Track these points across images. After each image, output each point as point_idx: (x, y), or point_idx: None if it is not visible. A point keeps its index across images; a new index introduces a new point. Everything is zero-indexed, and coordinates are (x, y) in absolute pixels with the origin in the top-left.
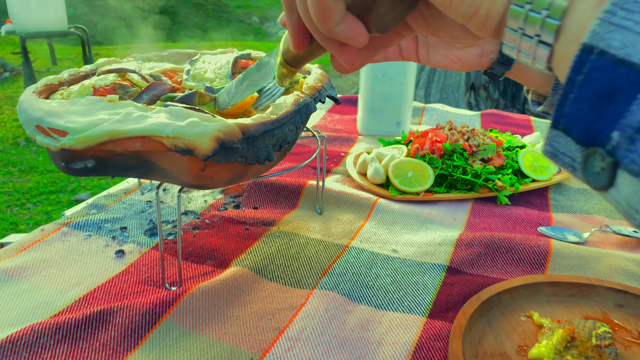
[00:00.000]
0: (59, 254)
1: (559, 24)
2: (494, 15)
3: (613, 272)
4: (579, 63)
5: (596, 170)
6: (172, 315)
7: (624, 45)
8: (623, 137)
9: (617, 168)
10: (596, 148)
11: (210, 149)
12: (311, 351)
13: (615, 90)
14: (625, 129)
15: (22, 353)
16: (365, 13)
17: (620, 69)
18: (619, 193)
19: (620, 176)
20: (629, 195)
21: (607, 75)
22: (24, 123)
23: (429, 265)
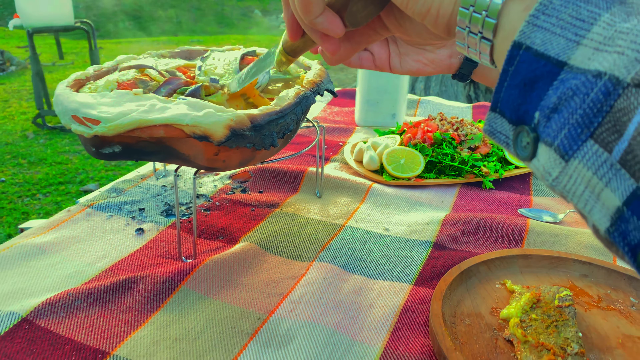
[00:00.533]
0: (84, 231)
1: (496, 22)
2: (443, 14)
3: (582, 247)
4: (511, 57)
5: (523, 145)
6: (189, 283)
7: (544, 42)
8: (542, 116)
9: (538, 141)
10: (523, 126)
11: (224, 136)
12: (310, 312)
13: (537, 78)
14: (543, 109)
15: (60, 313)
16: (341, 9)
17: (540, 61)
18: (539, 161)
19: (540, 148)
20: (545, 162)
21: (531, 66)
22: (60, 113)
23: (417, 241)
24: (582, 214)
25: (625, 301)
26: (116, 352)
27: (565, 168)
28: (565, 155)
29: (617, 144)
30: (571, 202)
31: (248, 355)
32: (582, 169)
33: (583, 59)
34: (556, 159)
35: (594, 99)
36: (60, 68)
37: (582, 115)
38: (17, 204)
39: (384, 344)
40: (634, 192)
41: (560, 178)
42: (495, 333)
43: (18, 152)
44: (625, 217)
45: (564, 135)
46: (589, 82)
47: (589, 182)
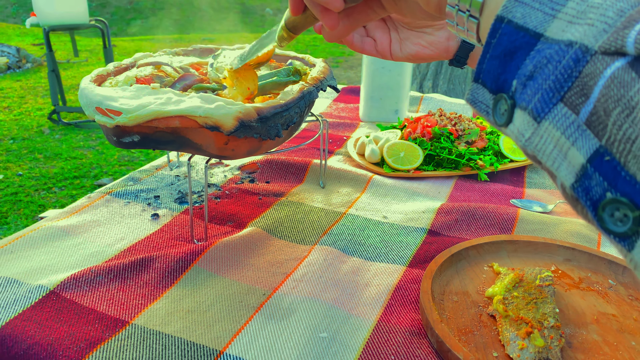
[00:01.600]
0: (104, 216)
1: (482, 1)
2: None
3: (568, 235)
4: (494, 29)
5: (501, 112)
6: (201, 262)
7: (523, 15)
8: (519, 84)
9: (514, 108)
10: (502, 94)
11: (233, 127)
12: (311, 289)
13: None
14: (520, 77)
15: (84, 287)
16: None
17: (519, 32)
18: (514, 125)
19: (515, 113)
20: (519, 125)
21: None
22: (84, 105)
23: (412, 228)
24: (551, 172)
25: (604, 283)
26: (134, 321)
27: (537, 129)
28: (538, 117)
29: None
30: (541, 160)
31: (253, 325)
32: (552, 129)
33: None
34: (529, 121)
35: (565, 65)
36: (74, 65)
37: (554, 81)
38: (34, 197)
39: (378, 317)
40: (597, 150)
41: (532, 138)
42: (480, 309)
43: (34, 147)
44: (588, 173)
45: (537, 99)
46: (561, 50)
47: (557, 141)
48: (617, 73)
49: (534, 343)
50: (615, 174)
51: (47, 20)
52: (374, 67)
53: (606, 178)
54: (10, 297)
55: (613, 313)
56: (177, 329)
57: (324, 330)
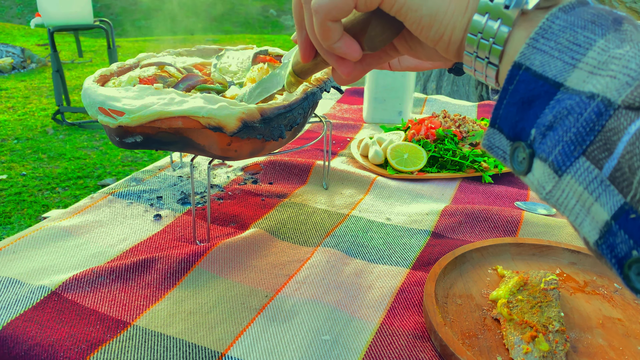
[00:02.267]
0: (107, 216)
1: (502, 49)
2: (454, 41)
3: (573, 238)
4: (511, 76)
5: (519, 160)
6: (203, 263)
7: (542, 64)
8: (538, 133)
9: (533, 157)
10: (520, 142)
11: (236, 127)
12: (313, 291)
13: (534, 97)
14: (539, 126)
15: (86, 288)
16: (359, 34)
17: (538, 81)
18: (533, 176)
19: (535, 163)
20: (539, 176)
21: (529, 86)
22: (87, 105)
23: (416, 230)
24: (574, 226)
25: (609, 287)
26: (136, 323)
27: (558, 182)
28: (559, 170)
29: (607, 162)
30: (563, 214)
31: (255, 328)
32: (574, 184)
33: (578, 81)
34: (550, 174)
35: (587, 118)
36: (79, 66)
37: (576, 134)
38: (38, 197)
39: (381, 320)
40: (622, 207)
41: (554, 192)
42: (484, 312)
43: (38, 147)
44: (613, 230)
45: (558, 152)
46: (583, 102)
47: (580, 196)
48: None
49: (538, 347)
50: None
51: (52, 21)
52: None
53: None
54: (12, 298)
55: (619, 317)
56: (179, 331)
57: (327, 332)
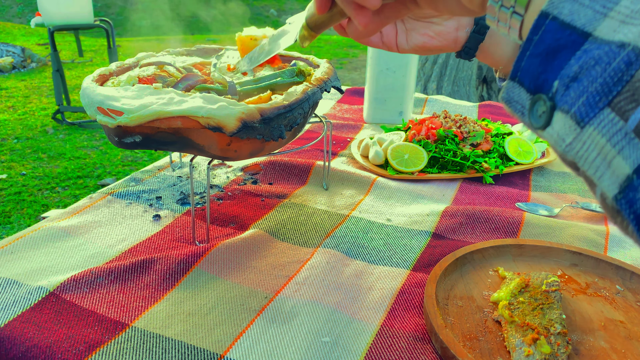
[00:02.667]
0: (105, 217)
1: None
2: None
3: (574, 239)
4: (537, 26)
5: (539, 114)
6: (202, 264)
7: (571, 12)
8: (561, 85)
9: (554, 110)
10: (541, 95)
11: (235, 127)
12: (313, 292)
13: (560, 47)
14: (563, 78)
15: (84, 289)
16: None
17: (566, 30)
18: (553, 129)
19: (555, 116)
20: (559, 129)
21: (555, 35)
22: (86, 105)
23: (417, 231)
24: (592, 180)
25: (611, 289)
26: (134, 324)
27: (579, 134)
28: (581, 121)
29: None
30: (582, 168)
31: (255, 329)
32: (596, 135)
33: (609, 30)
34: (571, 126)
35: (616, 68)
36: (79, 65)
37: (602, 84)
38: (37, 197)
39: (381, 322)
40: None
41: (574, 144)
42: (485, 314)
43: (38, 147)
44: (634, 185)
45: (582, 103)
46: (612, 52)
47: (602, 148)
48: None
49: (540, 350)
50: None
51: (52, 20)
52: (379, 68)
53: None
54: (10, 299)
55: (621, 319)
56: (177, 332)
57: (327, 334)
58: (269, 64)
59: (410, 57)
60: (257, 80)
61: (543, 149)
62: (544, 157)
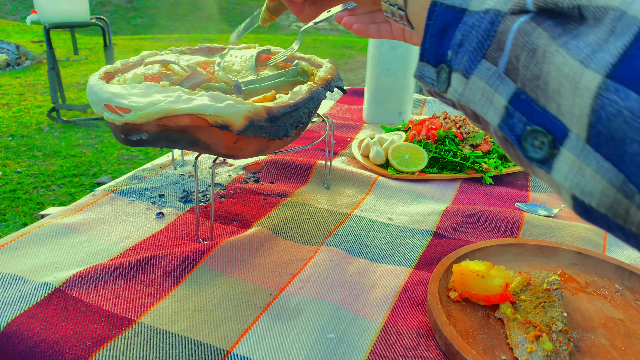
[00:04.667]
0: (109, 214)
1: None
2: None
3: (573, 239)
4: (430, 13)
5: (442, 80)
6: (207, 261)
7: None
8: (452, 52)
9: (451, 73)
10: (442, 65)
11: (242, 126)
12: (317, 289)
13: (447, 24)
14: (453, 47)
15: (89, 285)
16: None
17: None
18: (451, 87)
19: (452, 77)
20: (455, 85)
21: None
22: (92, 102)
23: (418, 230)
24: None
25: (610, 287)
26: (141, 320)
27: (467, 84)
28: (467, 74)
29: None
30: (474, 109)
31: (260, 325)
32: (478, 81)
33: (477, 3)
34: (461, 80)
35: (484, 28)
36: (74, 63)
37: (477, 42)
38: (33, 195)
39: (385, 319)
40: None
41: (464, 92)
42: (487, 312)
43: (33, 145)
44: (510, 112)
45: (466, 60)
46: (480, 18)
47: (483, 90)
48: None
49: (542, 347)
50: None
51: (48, 18)
52: (379, 69)
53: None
54: (16, 294)
55: (620, 318)
56: (183, 328)
57: (332, 331)
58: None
59: (410, 59)
60: (261, 80)
61: None
62: None
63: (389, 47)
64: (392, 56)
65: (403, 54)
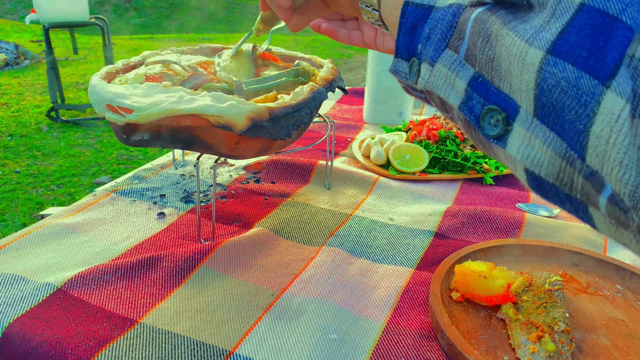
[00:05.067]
0: (110, 214)
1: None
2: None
3: (574, 239)
4: (403, 12)
5: (414, 72)
6: (208, 262)
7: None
8: (422, 45)
9: (420, 64)
10: (413, 58)
11: (245, 126)
12: (319, 290)
13: (417, 21)
14: (422, 40)
15: (91, 285)
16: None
17: (419, 9)
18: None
19: (422, 67)
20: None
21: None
22: (94, 102)
23: (419, 230)
24: (445, 101)
25: (611, 288)
26: (143, 320)
27: (432, 71)
28: (432, 62)
29: (462, 46)
30: (438, 93)
31: (263, 326)
32: (442, 68)
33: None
34: (428, 68)
35: (447, 20)
36: (73, 63)
37: (441, 34)
38: (32, 195)
39: (387, 319)
40: (473, 75)
41: (430, 79)
42: (489, 312)
43: (32, 144)
44: (469, 94)
45: (432, 50)
46: (444, 12)
47: (446, 75)
48: (478, 15)
49: (545, 347)
50: (487, 90)
51: (47, 17)
52: (379, 69)
53: (481, 95)
54: (18, 295)
55: (622, 318)
56: (186, 329)
57: (334, 331)
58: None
59: None
60: (262, 80)
61: None
62: None
63: None
64: (392, 56)
65: None
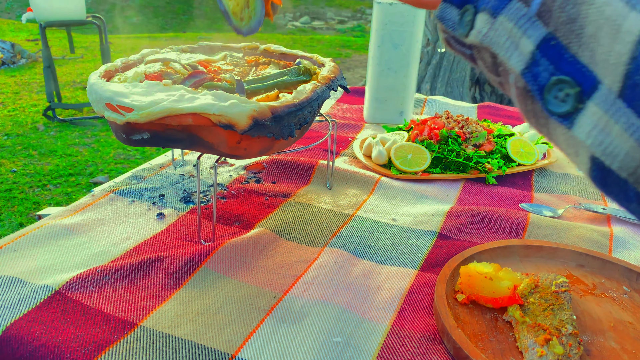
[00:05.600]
0: (109, 215)
1: None
2: None
3: (579, 240)
4: None
5: (466, 22)
6: (209, 263)
7: None
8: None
9: (476, 14)
10: (467, 6)
11: (247, 125)
12: (322, 292)
13: None
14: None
15: (90, 287)
16: None
17: None
18: (475, 29)
19: (477, 18)
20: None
21: None
22: (93, 101)
23: (422, 231)
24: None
25: (618, 289)
26: (143, 324)
27: (493, 24)
28: (494, 13)
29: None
30: (496, 52)
31: (265, 329)
32: (506, 22)
33: None
34: (487, 19)
35: None
36: (70, 62)
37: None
38: (28, 194)
39: (391, 322)
40: (545, 37)
41: (489, 33)
42: (495, 315)
43: (29, 144)
44: (536, 59)
45: None
46: None
47: (510, 32)
48: None
49: (553, 350)
50: (560, 57)
51: (44, 16)
52: (380, 68)
53: (552, 61)
54: (15, 297)
55: (629, 320)
56: (187, 332)
57: (338, 334)
58: (273, 60)
59: (411, 58)
60: (263, 79)
61: (544, 150)
62: (545, 158)
63: (390, 46)
64: (393, 55)
65: (404, 53)
